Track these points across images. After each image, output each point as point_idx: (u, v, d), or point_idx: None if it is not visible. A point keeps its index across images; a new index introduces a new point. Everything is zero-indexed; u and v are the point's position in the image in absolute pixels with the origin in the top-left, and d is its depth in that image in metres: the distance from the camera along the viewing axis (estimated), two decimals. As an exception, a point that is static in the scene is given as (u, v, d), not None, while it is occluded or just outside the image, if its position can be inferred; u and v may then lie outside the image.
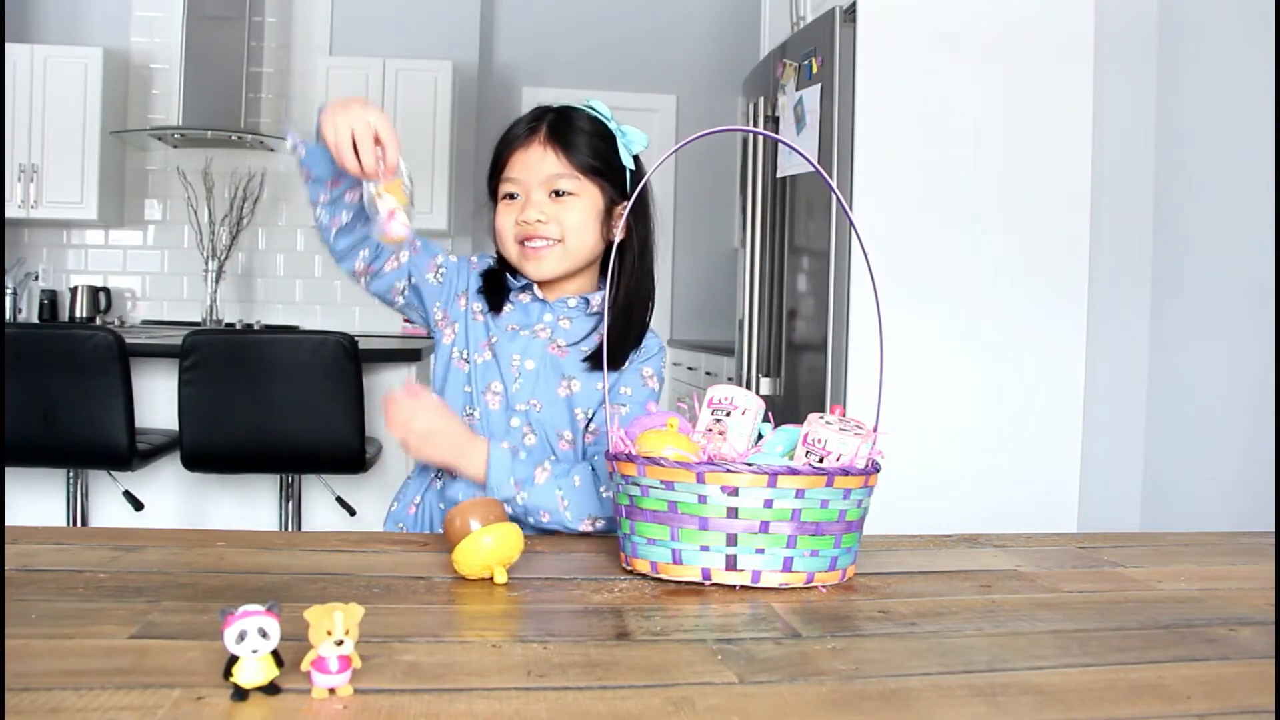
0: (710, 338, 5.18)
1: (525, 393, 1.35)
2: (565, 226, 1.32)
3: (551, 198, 1.32)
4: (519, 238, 1.33)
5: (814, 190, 2.74)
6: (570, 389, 1.35)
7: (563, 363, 1.35)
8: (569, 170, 1.31)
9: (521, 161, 1.32)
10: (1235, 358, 2.14)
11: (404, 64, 4.93)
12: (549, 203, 1.31)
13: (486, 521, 0.96)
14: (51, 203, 4.71)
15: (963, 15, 2.56)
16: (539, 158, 1.31)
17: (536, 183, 1.31)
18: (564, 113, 1.35)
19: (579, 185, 1.32)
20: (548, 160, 1.31)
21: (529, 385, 1.35)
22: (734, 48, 5.20)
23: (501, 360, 1.35)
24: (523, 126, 1.34)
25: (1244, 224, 2.11)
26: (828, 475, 0.95)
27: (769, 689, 0.70)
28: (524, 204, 1.32)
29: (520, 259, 1.34)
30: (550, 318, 1.37)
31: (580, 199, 1.32)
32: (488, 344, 1.37)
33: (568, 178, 1.31)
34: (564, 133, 1.32)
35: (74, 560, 0.98)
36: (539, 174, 1.31)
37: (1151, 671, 0.76)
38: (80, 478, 2.87)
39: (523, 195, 1.32)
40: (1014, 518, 2.41)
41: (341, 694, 0.65)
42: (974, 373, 2.56)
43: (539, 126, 1.33)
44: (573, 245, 1.33)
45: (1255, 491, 2.00)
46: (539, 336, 1.36)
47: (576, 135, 1.32)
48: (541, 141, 1.31)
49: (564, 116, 1.34)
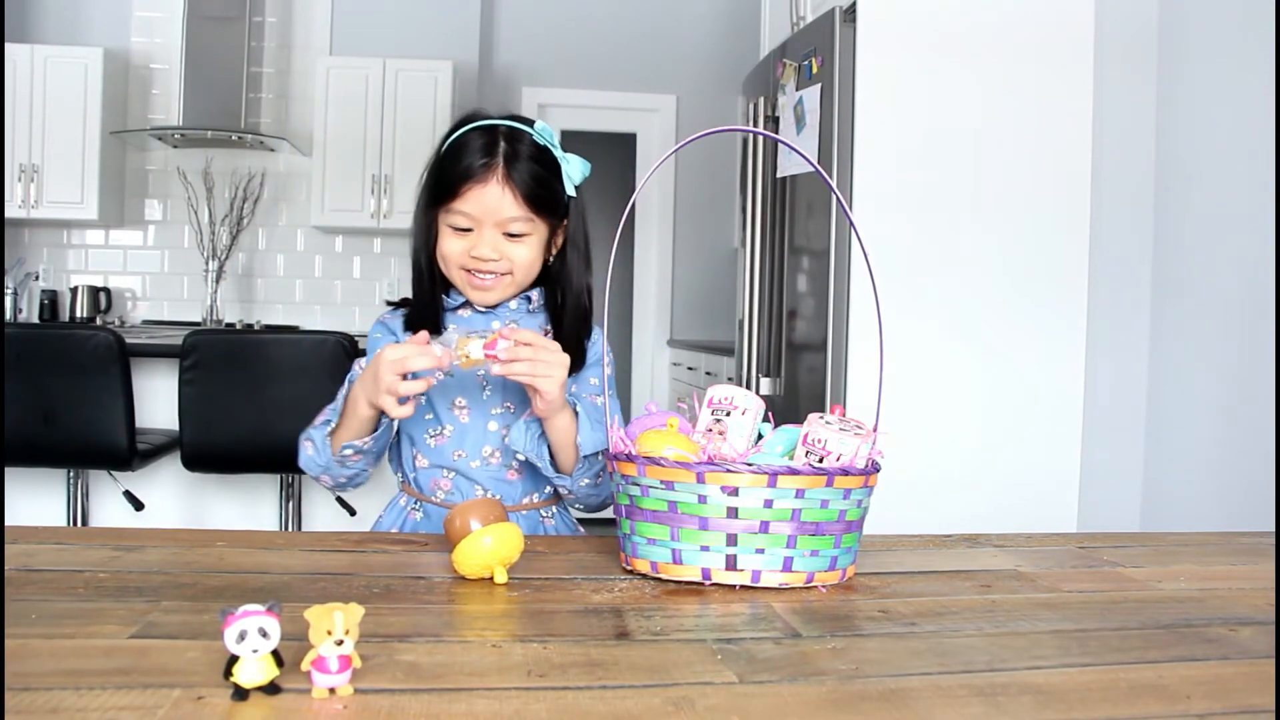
0: (710, 338, 5.19)
1: (497, 398, 1.36)
2: (516, 263, 1.33)
3: (505, 237, 1.31)
4: (467, 267, 1.33)
5: (814, 190, 2.74)
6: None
7: None
8: (524, 212, 1.30)
9: (477, 198, 1.29)
10: (1235, 358, 2.14)
11: (404, 64, 4.93)
12: (502, 241, 1.31)
13: (486, 521, 0.96)
14: (52, 203, 4.70)
15: (963, 15, 2.56)
16: (496, 198, 1.29)
17: (491, 221, 1.30)
18: (514, 143, 1.31)
19: (531, 225, 1.32)
20: (505, 202, 1.29)
21: (498, 390, 1.36)
22: (734, 48, 5.20)
23: (462, 371, 1.32)
24: (477, 157, 1.31)
25: (1244, 224, 2.11)
26: (828, 475, 0.95)
27: (769, 689, 0.70)
28: (476, 240, 1.31)
29: (465, 285, 1.35)
30: (498, 325, 1.37)
31: (531, 237, 1.33)
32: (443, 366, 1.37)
33: (521, 220, 1.31)
34: (519, 170, 1.30)
35: (74, 560, 0.98)
36: (495, 214, 1.30)
37: (1151, 671, 0.76)
38: (80, 478, 2.87)
39: (475, 230, 1.31)
40: (1014, 518, 2.41)
41: (341, 694, 0.65)
42: (974, 373, 2.56)
43: (494, 161, 1.30)
44: (520, 277, 1.35)
45: (1255, 491, 2.00)
46: None
47: (530, 171, 1.30)
48: (500, 181, 1.29)
49: (516, 151, 1.31)
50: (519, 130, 1.33)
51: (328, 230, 5.13)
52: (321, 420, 1.31)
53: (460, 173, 1.30)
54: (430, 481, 1.37)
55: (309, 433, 1.32)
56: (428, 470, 1.37)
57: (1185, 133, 2.35)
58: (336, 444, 1.28)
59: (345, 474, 1.32)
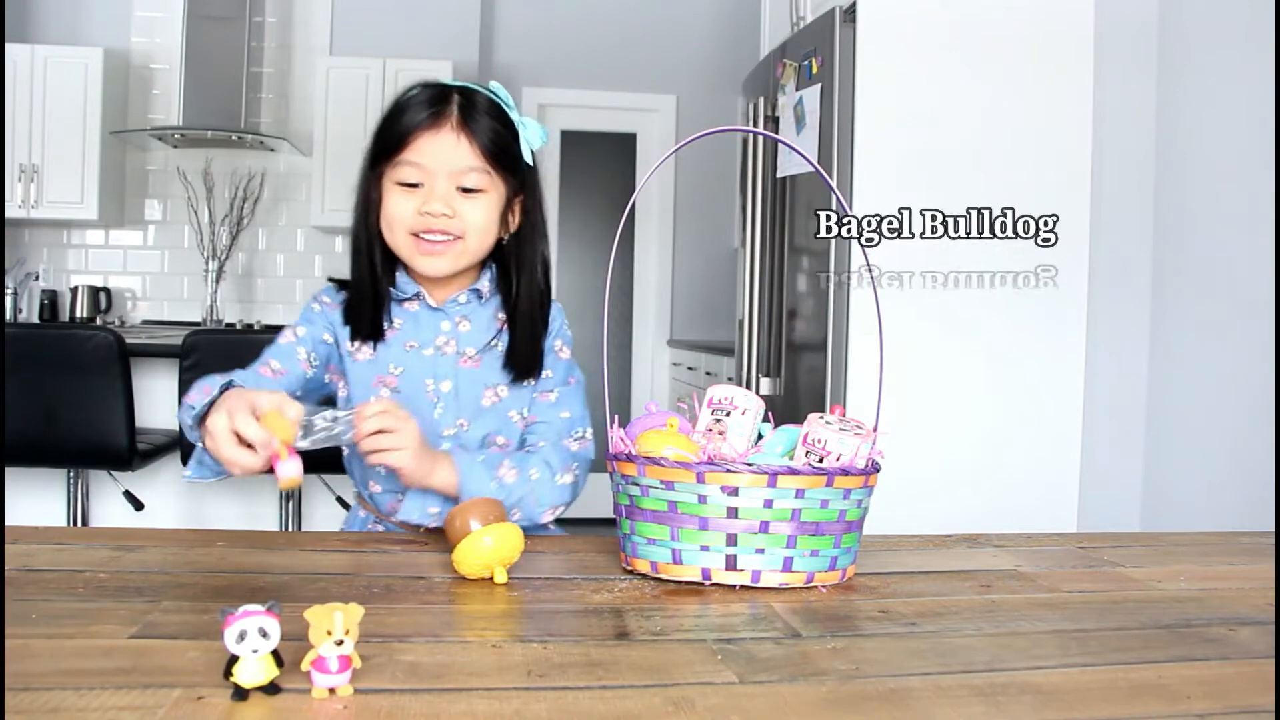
0: (710, 338, 5.18)
1: (450, 416, 1.27)
2: (469, 225, 1.22)
3: (459, 193, 1.21)
4: (416, 229, 1.21)
5: (814, 190, 2.74)
6: (498, 395, 1.29)
7: (479, 372, 1.28)
8: (480, 163, 1.20)
9: (429, 147, 1.19)
10: (1235, 358, 2.13)
11: (404, 64, 4.92)
12: (456, 196, 1.21)
13: (486, 521, 0.96)
14: (51, 203, 4.70)
15: (963, 15, 2.56)
16: (450, 146, 1.19)
17: (445, 173, 1.20)
18: (470, 95, 1.22)
19: (488, 181, 1.22)
20: (460, 150, 1.19)
21: (451, 408, 1.27)
22: (734, 48, 5.19)
23: (413, 390, 1.25)
24: (425, 107, 1.20)
25: (1244, 224, 2.11)
26: (828, 475, 0.95)
27: (769, 689, 0.70)
28: (427, 195, 1.20)
29: (412, 252, 1.23)
30: (448, 325, 1.28)
31: (488, 195, 1.22)
32: (391, 378, 1.26)
33: (478, 171, 1.20)
34: (475, 119, 1.20)
35: (74, 560, 0.98)
36: (449, 163, 1.19)
37: (1151, 671, 0.76)
38: (80, 478, 2.87)
39: (426, 185, 1.20)
40: (1014, 518, 2.41)
41: (341, 694, 0.65)
42: (974, 373, 2.56)
43: (447, 109, 1.20)
44: (473, 245, 1.24)
45: (1255, 491, 2.00)
46: (445, 352, 1.28)
47: (488, 125, 1.20)
48: (454, 127, 1.19)
49: (471, 100, 1.21)
50: (472, 89, 1.24)
51: (328, 230, 5.13)
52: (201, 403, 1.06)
53: (407, 123, 1.20)
54: (386, 504, 1.30)
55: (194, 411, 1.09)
56: (382, 495, 1.30)
57: (1185, 132, 2.35)
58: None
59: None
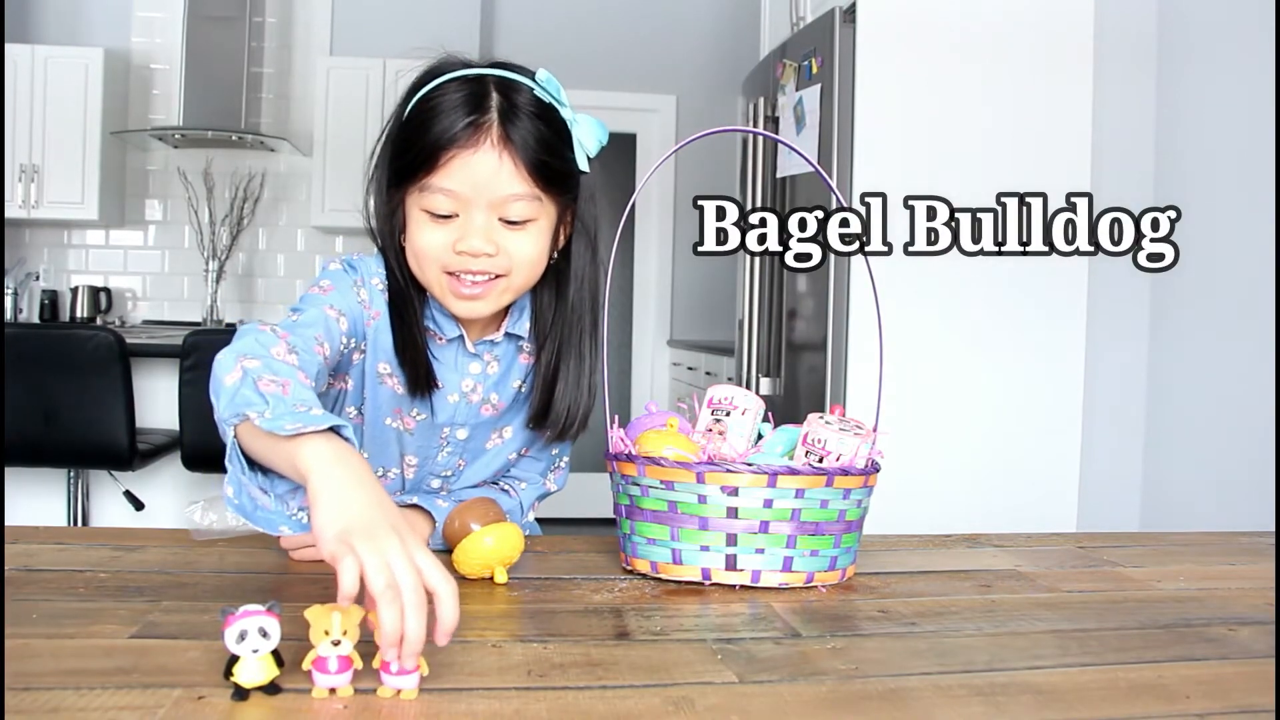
0: (710, 338, 5.18)
1: (452, 459, 1.18)
2: (515, 261, 1.01)
3: (502, 224, 1.00)
4: (451, 268, 1.01)
5: (814, 190, 2.74)
6: (502, 437, 1.20)
7: (495, 419, 1.18)
8: (527, 188, 0.99)
9: (464, 170, 0.97)
10: (1235, 358, 2.13)
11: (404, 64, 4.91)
12: (498, 229, 1.00)
13: (486, 521, 0.96)
14: (52, 203, 4.70)
15: (963, 15, 2.56)
16: (491, 169, 0.97)
17: (484, 202, 0.98)
18: (511, 96, 0.99)
19: (537, 208, 1.00)
20: (503, 174, 0.97)
21: (456, 451, 1.17)
22: (734, 48, 5.19)
23: (427, 434, 1.14)
24: (460, 115, 0.98)
25: (1244, 224, 2.11)
26: (828, 475, 0.95)
27: (769, 689, 0.70)
28: (464, 228, 0.99)
29: (445, 292, 1.03)
30: (477, 368, 1.13)
31: (536, 224, 1.01)
32: (409, 419, 1.13)
33: (525, 200, 0.99)
34: (520, 130, 0.98)
35: (74, 560, 0.98)
36: (489, 191, 0.98)
37: (1151, 671, 0.76)
38: (81, 478, 2.87)
39: (462, 215, 0.99)
40: (1014, 518, 2.41)
41: (341, 694, 0.65)
42: (974, 373, 2.56)
43: (485, 119, 0.97)
44: (518, 281, 1.04)
45: (1255, 491, 2.00)
46: (470, 400, 1.13)
47: (535, 133, 0.98)
48: (494, 143, 0.97)
49: (512, 103, 0.99)
50: (514, 80, 1.01)
51: (328, 230, 5.12)
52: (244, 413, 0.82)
53: (437, 136, 0.98)
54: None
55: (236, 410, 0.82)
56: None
57: (1185, 133, 2.35)
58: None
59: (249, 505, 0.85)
